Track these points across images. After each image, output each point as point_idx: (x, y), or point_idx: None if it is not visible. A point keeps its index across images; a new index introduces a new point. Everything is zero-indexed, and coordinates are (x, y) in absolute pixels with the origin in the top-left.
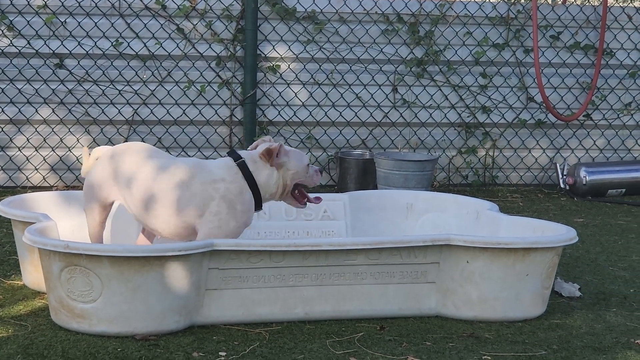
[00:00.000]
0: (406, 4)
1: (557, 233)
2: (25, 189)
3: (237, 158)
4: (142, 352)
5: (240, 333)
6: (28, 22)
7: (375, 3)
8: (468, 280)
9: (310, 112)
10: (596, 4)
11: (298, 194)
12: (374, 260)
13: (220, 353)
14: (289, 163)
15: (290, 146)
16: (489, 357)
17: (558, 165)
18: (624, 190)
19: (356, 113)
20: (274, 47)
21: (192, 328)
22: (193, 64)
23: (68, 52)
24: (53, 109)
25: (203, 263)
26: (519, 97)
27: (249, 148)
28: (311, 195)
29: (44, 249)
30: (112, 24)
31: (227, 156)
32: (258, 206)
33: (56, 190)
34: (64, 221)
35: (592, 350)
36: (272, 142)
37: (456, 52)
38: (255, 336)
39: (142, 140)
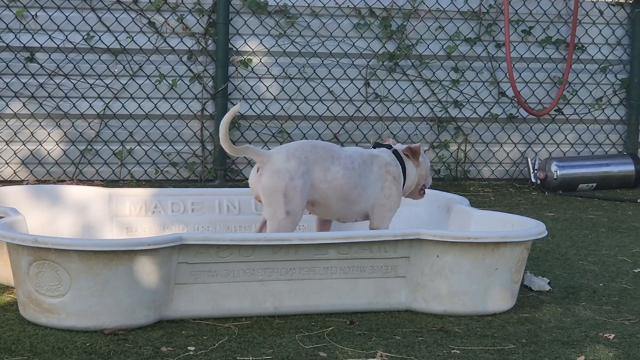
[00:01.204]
0: None
1: (527, 227)
2: None
3: (388, 147)
4: (110, 347)
5: (209, 328)
6: None
7: None
8: (438, 274)
9: (282, 106)
10: None
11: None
12: (344, 255)
13: (189, 347)
14: (424, 164)
15: (262, 140)
16: (458, 351)
17: (529, 159)
18: (595, 184)
19: (328, 107)
20: (245, 41)
21: (161, 322)
22: (164, 57)
23: (39, 45)
24: (24, 103)
25: (172, 257)
26: (490, 92)
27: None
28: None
29: (12, 243)
30: (84, 17)
31: (374, 147)
32: None
33: (27, 184)
34: (33, 215)
35: (561, 344)
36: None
37: (428, 46)
38: (225, 331)
39: (114, 134)
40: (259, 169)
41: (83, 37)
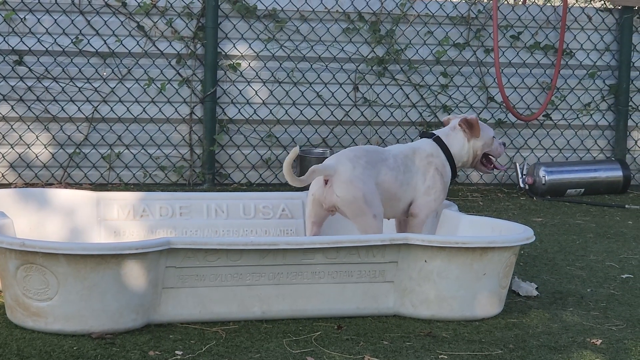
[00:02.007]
0: (367, 3)
1: (515, 232)
2: None
3: (430, 136)
4: (98, 351)
5: (196, 332)
6: None
7: (337, 1)
8: (426, 279)
9: (271, 111)
10: (557, 4)
11: (485, 161)
12: (332, 259)
13: (176, 352)
14: (482, 134)
15: (251, 144)
16: (446, 357)
17: (518, 164)
18: (582, 190)
19: (317, 111)
20: (234, 45)
21: (148, 326)
22: (153, 61)
23: (27, 48)
24: (12, 106)
25: (160, 261)
26: (479, 97)
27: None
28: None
29: (0, 246)
30: (72, 21)
31: (419, 138)
32: (454, 175)
33: (15, 187)
34: (21, 219)
35: (548, 349)
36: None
37: (417, 51)
38: (212, 335)
39: (102, 138)
40: (327, 181)
41: (72, 40)
